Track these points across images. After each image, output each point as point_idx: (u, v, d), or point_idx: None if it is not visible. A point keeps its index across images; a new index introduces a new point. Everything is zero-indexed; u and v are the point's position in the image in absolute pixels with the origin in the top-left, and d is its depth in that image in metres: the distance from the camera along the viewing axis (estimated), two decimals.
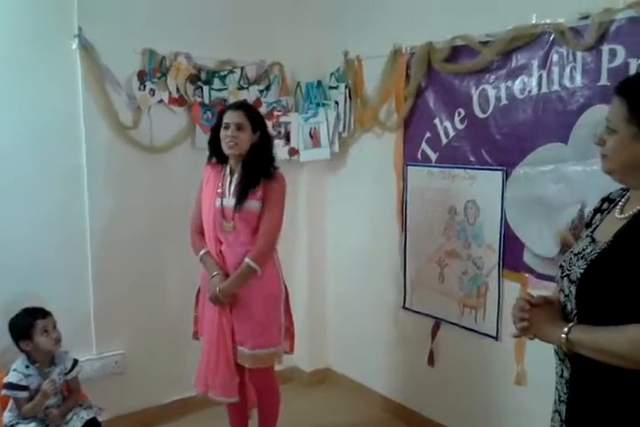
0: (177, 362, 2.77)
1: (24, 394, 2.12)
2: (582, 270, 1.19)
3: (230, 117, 2.21)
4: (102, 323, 2.61)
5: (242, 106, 2.30)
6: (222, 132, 2.21)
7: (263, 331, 2.24)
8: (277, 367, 2.44)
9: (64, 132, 2.45)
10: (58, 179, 2.45)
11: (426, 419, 2.74)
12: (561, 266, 1.30)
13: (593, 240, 1.25)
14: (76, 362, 2.29)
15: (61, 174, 2.46)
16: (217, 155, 2.29)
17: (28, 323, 2.17)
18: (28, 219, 2.39)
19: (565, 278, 1.25)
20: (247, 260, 2.19)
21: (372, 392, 3.04)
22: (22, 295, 2.30)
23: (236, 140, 2.18)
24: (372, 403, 3.02)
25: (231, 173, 2.27)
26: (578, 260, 1.23)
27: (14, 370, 2.14)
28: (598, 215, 1.33)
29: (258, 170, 2.22)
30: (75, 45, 2.40)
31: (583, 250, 1.24)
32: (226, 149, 2.22)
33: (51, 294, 2.37)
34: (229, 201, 2.22)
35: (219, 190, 2.25)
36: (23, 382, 2.12)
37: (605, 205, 1.33)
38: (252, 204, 2.20)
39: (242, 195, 2.19)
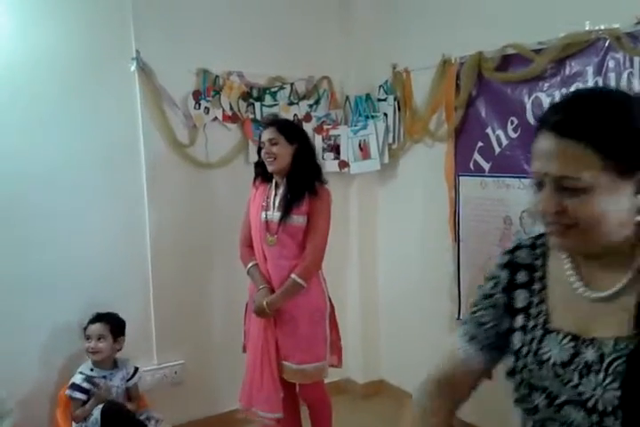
0: (234, 373, 2.79)
1: (81, 396, 2.20)
2: (617, 392, 0.79)
3: (264, 135, 2.26)
4: (162, 334, 2.69)
5: (272, 122, 2.34)
6: (262, 152, 2.26)
7: (308, 346, 2.23)
8: (331, 379, 2.44)
9: (125, 152, 2.54)
10: (121, 196, 2.55)
11: None
12: (531, 386, 0.89)
13: (575, 337, 0.85)
14: (136, 369, 2.38)
15: (124, 193, 2.56)
16: (263, 175, 2.33)
17: (85, 326, 2.31)
18: (96, 237, 2.49)
19: (569, 406, 0.84)
20: (294, 276, 2.19)
21: None
22: (91, 308, 2.39)
23: (272, 155, 2.22)
24: None
25: (276, 187, 2.29)
26: (584, 375, 0.82)
27: (80, 372, 2.25)
28: (521, 292, 0.94)
29: (302, 184, 2.23)
30: (133, 68, 2.50)
31: (574, 356, 0.84)
32: (267, 166, 2.25)
33: (116, 308, 2.45)
34: (273, 215, 2.24)
35: (263, 204, 2.28)
36: (84, 385, 2.21)
37: (522, 276, 0.95)
38: (297, 218, 2.21)
39: (286, 209, 2.20)
